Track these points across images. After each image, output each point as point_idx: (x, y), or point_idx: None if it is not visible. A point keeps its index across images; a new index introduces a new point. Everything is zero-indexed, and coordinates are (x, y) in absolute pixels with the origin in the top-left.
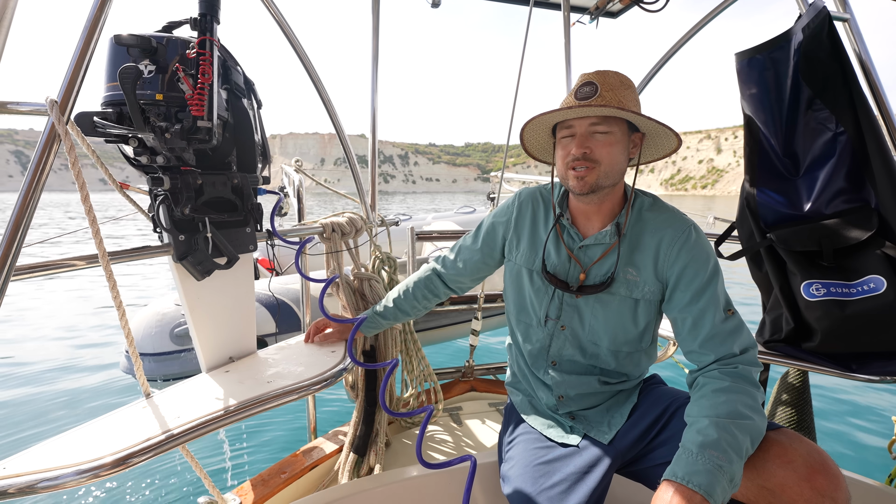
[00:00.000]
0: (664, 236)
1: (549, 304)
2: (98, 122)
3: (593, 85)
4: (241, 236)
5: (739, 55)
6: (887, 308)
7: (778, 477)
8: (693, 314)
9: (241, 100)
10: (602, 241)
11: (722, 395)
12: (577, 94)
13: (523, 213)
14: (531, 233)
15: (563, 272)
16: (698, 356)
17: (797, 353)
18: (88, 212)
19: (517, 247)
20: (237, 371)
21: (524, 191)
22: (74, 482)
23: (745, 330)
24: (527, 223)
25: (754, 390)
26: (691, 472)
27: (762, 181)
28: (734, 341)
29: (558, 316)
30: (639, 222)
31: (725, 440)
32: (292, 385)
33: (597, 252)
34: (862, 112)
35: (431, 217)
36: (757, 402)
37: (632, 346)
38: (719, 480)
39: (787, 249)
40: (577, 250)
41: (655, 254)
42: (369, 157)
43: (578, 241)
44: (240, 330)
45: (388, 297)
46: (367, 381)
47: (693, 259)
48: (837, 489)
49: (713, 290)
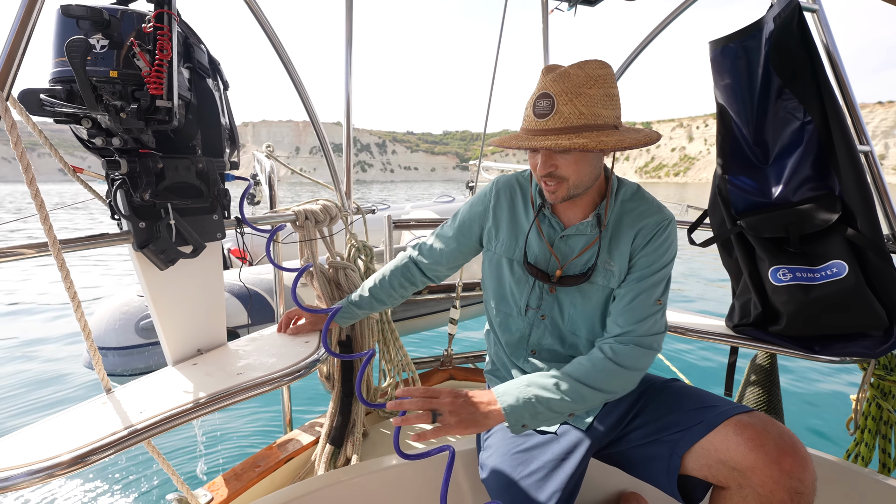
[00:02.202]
0: (642, 228)
1: (530, 293)
2: (45, 101)
3: (549, 98)
4: (208, 224)
5: (713, 44)
6: (848, 292)
7: (749, 460)
8: (628, 290)
9: (206, 80)
10: (583, 231)
11: (589, 363)
12: (535, 109)
13: (501, 202)
14: (511, 222)
15: (544, 263)
16: (611, 325)
17: (764, 336)
18: (35, 196)
19: (496, 236)
20: (205, 363)
21: (501, 178)
22: (27, 483)
23: (662, 318)
24: (505, 212)
25: (624, 371)
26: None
27: (733, 169)
28: (645, 322)
29: (539, 306)
30: (621, 212)
31: (553, 389)
32: (263, 377)
33: (578, 242)
34: (828, 102)
35: (410, 206)
36: (617, 383)
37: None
38: (526, 410)
39: (756, 236)
40: (558, 240)
41: (631, 244)
42: (343, 143)
43: (559, 230)
44: (208, 321)
45: (364, 286)
46: (343, 372)
47: (656, 251)
48: (805, 471)
49: (655, 279)
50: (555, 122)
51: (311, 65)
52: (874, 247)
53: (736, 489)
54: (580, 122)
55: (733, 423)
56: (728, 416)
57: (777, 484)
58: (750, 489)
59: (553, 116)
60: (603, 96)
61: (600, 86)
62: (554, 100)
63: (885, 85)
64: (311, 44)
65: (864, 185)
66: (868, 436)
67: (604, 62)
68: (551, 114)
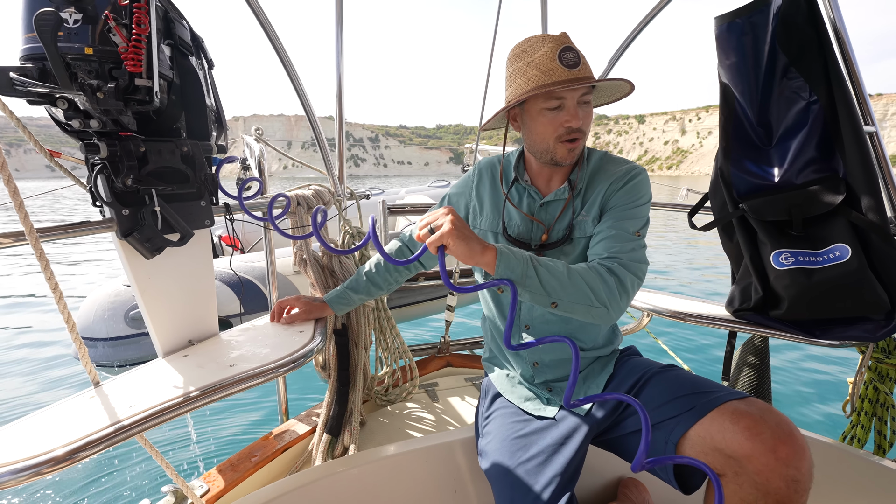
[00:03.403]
0: (612, 177)
1: None
2: (16, 80)
3: (574, 51)
4: (196, 210)
5: (719, 19)
6: (850, 275)
7: (745, 448)
8: (606, 226)
9: (189, 58)
10: (561, 196)
11: (585, 265)
12: (563, 61)
13: (483, 180)
14: (492, 197)
15: (526, 233)
16: (594, 252)
17: (765, 320)
18: (8, 182)
19: (481, 212)
20: (197, 355)
21: (483, 160)
22: (13, 481)
23: (643, 251)
24: (487, 189)
25: (613, 284)
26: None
27: (736, 151)
28: (628, 248)
29: None
30: (592, 174)
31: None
32: (257, 368)
33: (557, 208)
34: (835, 81)
35: (405, 191)
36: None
37: None
38: (519, 263)
39: (758, 219)
40: (538, 209)
41: (604, 192)
42: (336, 129)
43: (539, 199)
44: (198, 311)
45: (359, 273)
46: (339, 360)
47: (630, 191)
48: (802, 459)
49: (631, 213)
50: (586, 70)
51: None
52: (879, 230)
53: (732, 476)
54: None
55: (730, 411)
56: (720, 402)
57: (773, 472)
58: (746, 477)
59: (582, 67)
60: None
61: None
62: (579, 53)
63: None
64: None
65: (869, 167)
66: (864, 418)
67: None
68: (580, 65)
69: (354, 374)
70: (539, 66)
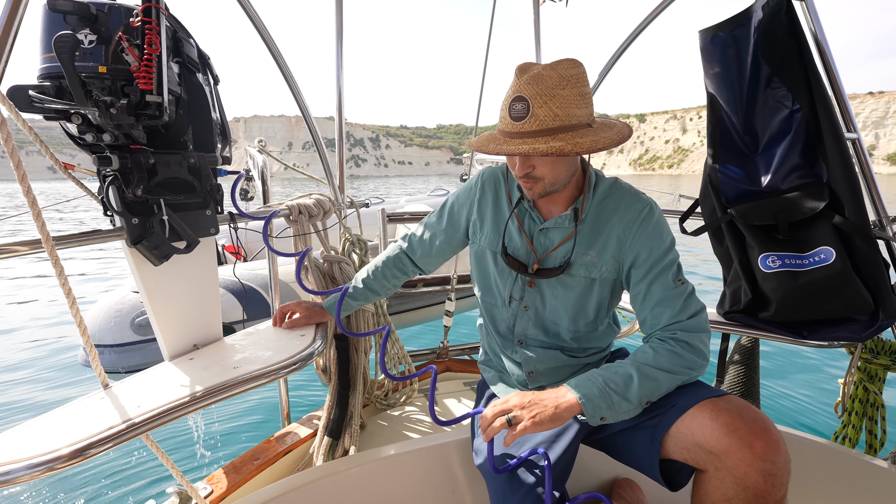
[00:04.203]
0: (623, 218)
1: (513, 285)
2: (34, 97)
3: (524, 101)
4: (201, 219)
5: (703, 33)
6: (835, 277)
7: (723, 444)
8: (646, 284)
9: (196, 74)
10: (561, 224)
11: (650, 350)
12: (511, 112)
13: (486, 194)
14: (494, 214)
15: (524, 255)
16: (650, 322)
17: (754, 322)
18: (27, 192)
19: (481, 228)
20: (202, 358)
21: (487, 170)
22: (28, 476)
23: (694, 297)
24: (489, 204)
25: (687, 352)
26: (583, 384)
27: (724, 158)
28: (681, 306)
29: (521, 297)
30: (599, 205)
31: (622, 376)
32: (260, 370)
33: (556, 235)
34: (816, 90)
35: (404, 200)
36: (684, 363)
37: (589, 326)
38: (603, 400)
39: (746, 224)
40: (538, 233)
41: (616, 236)
42: (336, 136)
43: (539, 223)
44: (204, 316)
45: (357, 278)
46: (339, 364)
47: (650, 237)
48: (777, 453)
49: (666, 263)
50: (530, 124)
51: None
52: (861, 233)
53: (713, 472)
54: (555, 124)
55: (709, 409)
56: (701, 399)
57: (750, 466)
58: (726, 471)
59: (529, 120)
60: (576, 96)
61: (573, 86)
62: (529, 103)
63: (875, 75)
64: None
65: (851, 173)
66: (855, 418)
67: (576, 61)
68: (527, 117)
69: (355, 378)
70: (501, 108)
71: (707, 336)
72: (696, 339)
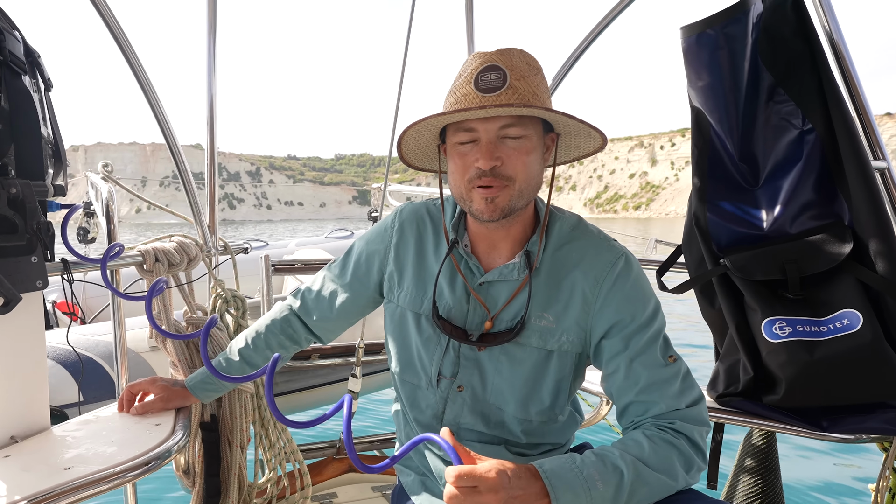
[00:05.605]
0: (590, 271)
1: (443, 358)
2: None
3: (499, 70)
4: (25, 268)
5: (686, 30)
6: (862, 349)
7: None
8: (625, 362)
9: (21, 77)
10: (509, 276)
11: (645, 440)
12: (479, 84)
13: (406, 238)
14: (417, 264)
15: (461, 317)
16: (634, 411)
17: (757, 408)
18: None
19: (399, 283)
20: (21, 455)
21: (406, 207)
22: None
23: (691, 379)
24: (411, 251)
25: (690, 450)
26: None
27: (714, 193)
28: (677, 392)
29: (454, 374)
30: (557, 251)
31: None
32: (99, 472)
33: (501, 291)
34: (834, 105)
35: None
36: (684, 463)
37: (544, 415)
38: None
39: (744, 279)
40: (478, 287)
41: (580, 294)
42: (206, 164)
43: (479, 275)
44: (24, 399)
45: (232, 348)
46: (206, 463)
47: (627, 299)
48: None
49: (651, 334)
50: (508, 97)
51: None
52: (895, 291)
53: None
54: (536, 104)
55: None
56: None
57: None
58: None
59: (506, 91)
60: (547, 89)
61: (542, 77)
62: (505, 72)
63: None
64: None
65: (881, 212)
66: None
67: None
68: (503, 87)
69: (227, 482)
70: (456, 90)
71: (707, 431)
72: (694, 432)
